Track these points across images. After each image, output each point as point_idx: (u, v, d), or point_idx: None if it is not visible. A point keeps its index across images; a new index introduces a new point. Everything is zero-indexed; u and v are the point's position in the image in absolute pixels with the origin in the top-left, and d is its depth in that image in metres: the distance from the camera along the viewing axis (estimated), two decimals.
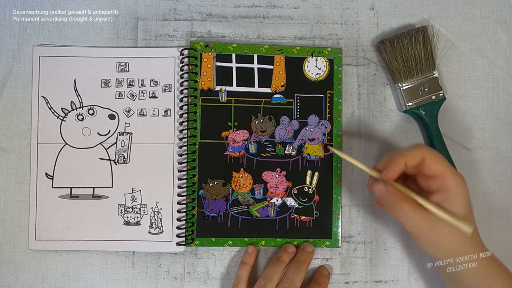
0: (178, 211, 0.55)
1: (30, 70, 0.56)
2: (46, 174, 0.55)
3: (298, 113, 0.56)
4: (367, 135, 0.57)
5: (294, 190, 0.56)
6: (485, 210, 0.57)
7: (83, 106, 0.56)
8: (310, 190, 0.56)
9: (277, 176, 0.56)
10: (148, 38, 0.57)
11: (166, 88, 0.56)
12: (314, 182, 0.56)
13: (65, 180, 0.55)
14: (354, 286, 0.56)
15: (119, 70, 0.56)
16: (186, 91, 0.56)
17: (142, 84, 0.56)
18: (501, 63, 0.58)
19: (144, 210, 0.55)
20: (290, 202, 0.56)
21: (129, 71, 0.56)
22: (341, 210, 0.56)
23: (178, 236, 0.55)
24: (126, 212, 0.55)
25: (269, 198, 0.56)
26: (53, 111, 0.56)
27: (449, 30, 0.58)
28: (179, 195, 0.55)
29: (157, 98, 0.56)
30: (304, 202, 0.56)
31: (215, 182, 0.56)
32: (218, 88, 0.56)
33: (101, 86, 0.56)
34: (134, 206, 0.55)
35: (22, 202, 0.55)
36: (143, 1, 0.57)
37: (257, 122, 0.56)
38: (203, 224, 0.55)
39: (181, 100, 0.56)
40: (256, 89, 0.56)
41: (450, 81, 0.57)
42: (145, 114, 0.56)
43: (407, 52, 0.54)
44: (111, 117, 0.56)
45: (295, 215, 0.56)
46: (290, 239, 0.55)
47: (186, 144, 0.55)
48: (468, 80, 0.58)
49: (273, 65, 0.56)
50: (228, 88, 0.56)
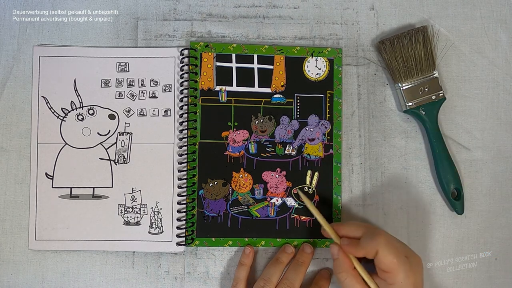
0: (178, 211, 0.55)
1: (30, 70, 0.56)
2: (46, 174, 0.55)
3: (298, 113, 0.56)
4: (367, 135, 0.57)
5: (294, 190, 0.56)
6: (485, 210, 0.57)
7: (83, 106, 0.56)
8: (310, 190, 0.56)
9: (277, 176, 0.56)
10: (148, 38, 0.57)
11: (166, 88, 0.56)
12: (314, 182, 0.56)
13: (65, 180, 0.55)
14: None
15: (119, 70, 0.56)
16: (186, 91, 0.56)
17: (142, 84, 0.56)
18: (501, 63, 0.58)
19: (144, 210, 0.55)
20: (290, 202, 0.56)
21: (129, 71, 0.56)
22: (341, 210, 0.56)
23: (178, 236, 0.55)
24: (126, 212, 0.55)
25: (269, 198, 0.56)
26: (53, 111, 0.56)
27: (449, 30, 0.58)
28: (179, 195, 0.55)
29: (157, 98, 0.56)
30: (303, 203, 0.55)
31: (215, 182, 0.56)
32: (218, 88, 0.56)
33: (101, 86, 0.56)
34: (134, 206, 0.55)
35: (22, 202, 0.55)
36: (143, 1, 0.57)
37: (257, 122, 0.56)
38: (203, 224, 0.55)
39: (181, 100, 0.56)
40: (256, 89, 0.56)
41: (450, 81, 0.57)
42: (145, 114, 0.56)
43: (407, 52, 0.54)
44: (111, 117, 0.56)
45: (295, 215, 0.56)
46: (290, 239, 0.55)
47: (186, 144, 0.55)
48: (468, 80, 0.58)
49: (273, 65, 0.56)
50: (228, 88, 0.56)
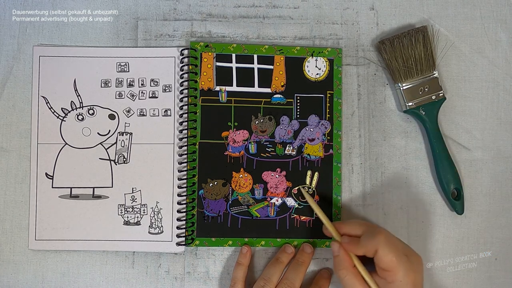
0: (178, 211, 0.55)
1: (30, 70, 0.56)
2: (46, 174, 0.55)
3: (298, 113, 0.56)
4: (367, 135, 0.57)
5: (294, 190, 0.56)
6: (485, 210, 0.57)
7: (83, 106, 0.56)
8: (310, 190, 0.56)
9: (277, 176, 0.56)
10: (148, 38, 0.57)
11: (166, 88, 0.56)
12: (314, 182, 0.56)
13: (65, 180, 0.55)
14: None
15: (119, 70, 0.56)
16: (186, 91, 0.56)
17: (142, 84, 0.56)
18: (501, 63, 0.58)
19: (144, 210, 0.55)
20: (290, 202, 0.56)
21: (129, 71, 0.56)
22: (341, 210, 0.56)
23: (178, 236, 0.55)
24: (126, 212, 0.55)
25: (269, 198, 0.56)
26: (53, 111, 0.56)
27: (449, 30, 0.58)
28: (179, 195, 0.55)
29: (157, 98, 0.56)
30: (304, 202, 0.55)
31: (215, 182, 0.56)
32: (218, 88, 0.56)
33: (101, 86, 0.56)
34: (134, 206, 0.55)
35: (22, 202, 0.55)
36: (143, 1, 0.57)
37: (257, 122, 0.56)
38: (203, 224, 0.55)
39: (181, 100, 0.56)
40: (256, 89, 0.56)
41: (450, 81, 0.57)
42: (145, 114, 0.56)
43: (407, 52, 0.54)
44: (111, 117, 0.56)
45: (295, 215, 0.56)
46: (290, 239, 0.55)
47: (186, 144, 0.55)
48: (468, 80, 0.58)
49: (273, 65, 0.56)
50: (228, 88, 0.56)
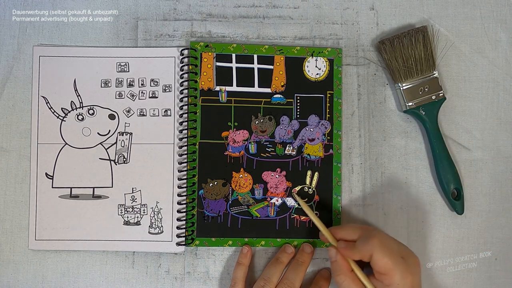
0: (178, 211, 0.55)
1: (30, 70, 0.56)
2: (46, 174, 0.55)
3: (298, 113, 0.56)
4: (367, 135, 0.57)
5: (294, 191, 0.56)
6: (485, 210, 0.57)
7: (83, 106, 0.56)
8: (310, 190, 0.56)
9: (277, 176, 0.56)
10: (148, 38, 0.57)
11: (166, 88, 0.56)
12: (314, 182, 0.56)
13: (65, 180, 0.55)
14: None
15: (119, 70, 0.56)
16: (186, 91, 0.56)
17: (142, 84, 0.56)
18: (501, 63, 0.58)
19: (144, 210, 0.55)
20: (290, 202, 0.56)
21: (129, 71, 0.56)
22: (341, 211, 0.56)
23: (178, 236, 0.55)
24: (126, 212, 0.55)
25: (269, 198, 0.56)
26: (53, 111, 0.56)
27: (449, 30, 0.58)
28: (179, 195, 0.55)
29: (157, 98, 0.56)
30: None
31: (215, 182, 0.56)
32: (218, 88, 0.56)
33: (101, 86, 0.56)
34: (134, 206, 0.55)
35: (22, 202, 0.55)
36: (143, 1, 0.57)
37: (257, 122, 0.56)
38: (203, 224, 0.55)
39: (181, 100, 0.56)
40: (256, 89, 0.56)
41: (450, 81, 0.57)
42: (145, 114, 0.56)
43: (407, 52, 0.54)
44: (111, 117, 0.56)
45: (295, 215, 0.56)
46: (290, 239, 0.55)
47: (186, 144, 0.55)
48: (468, 80, 0.58)
49: (273, 65, 0.56)
50: (228, 88, 0.56)
